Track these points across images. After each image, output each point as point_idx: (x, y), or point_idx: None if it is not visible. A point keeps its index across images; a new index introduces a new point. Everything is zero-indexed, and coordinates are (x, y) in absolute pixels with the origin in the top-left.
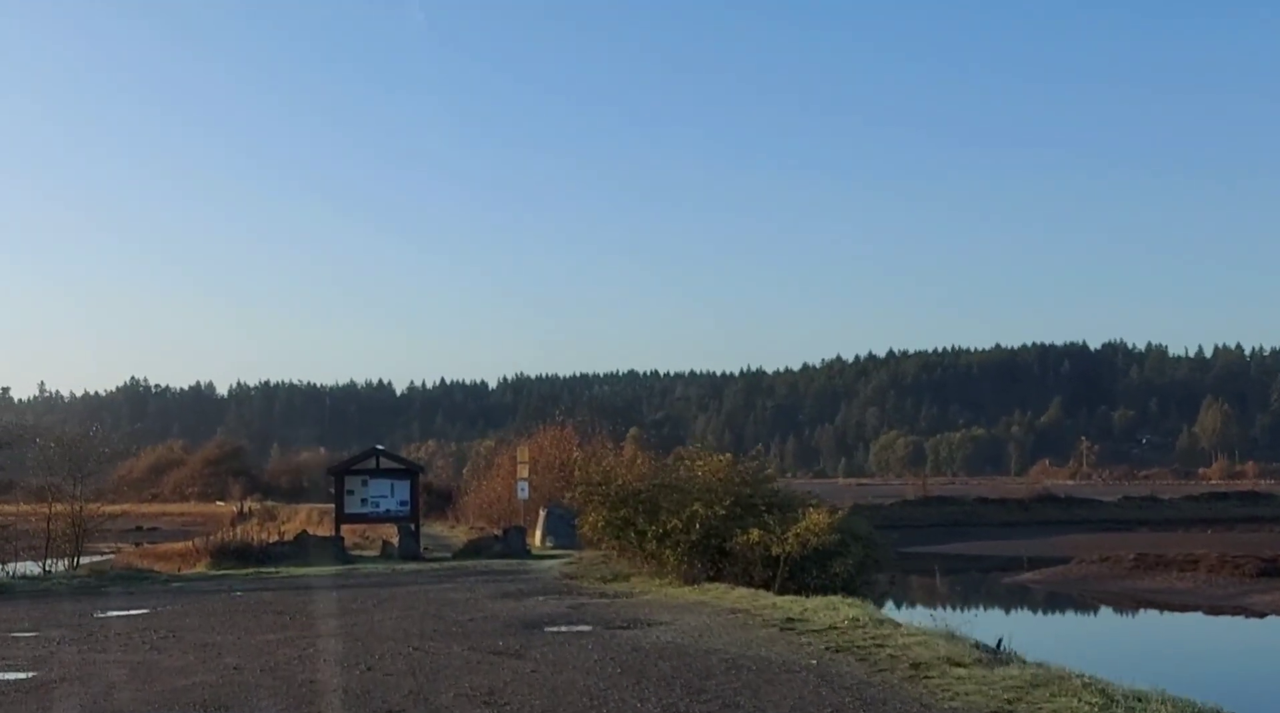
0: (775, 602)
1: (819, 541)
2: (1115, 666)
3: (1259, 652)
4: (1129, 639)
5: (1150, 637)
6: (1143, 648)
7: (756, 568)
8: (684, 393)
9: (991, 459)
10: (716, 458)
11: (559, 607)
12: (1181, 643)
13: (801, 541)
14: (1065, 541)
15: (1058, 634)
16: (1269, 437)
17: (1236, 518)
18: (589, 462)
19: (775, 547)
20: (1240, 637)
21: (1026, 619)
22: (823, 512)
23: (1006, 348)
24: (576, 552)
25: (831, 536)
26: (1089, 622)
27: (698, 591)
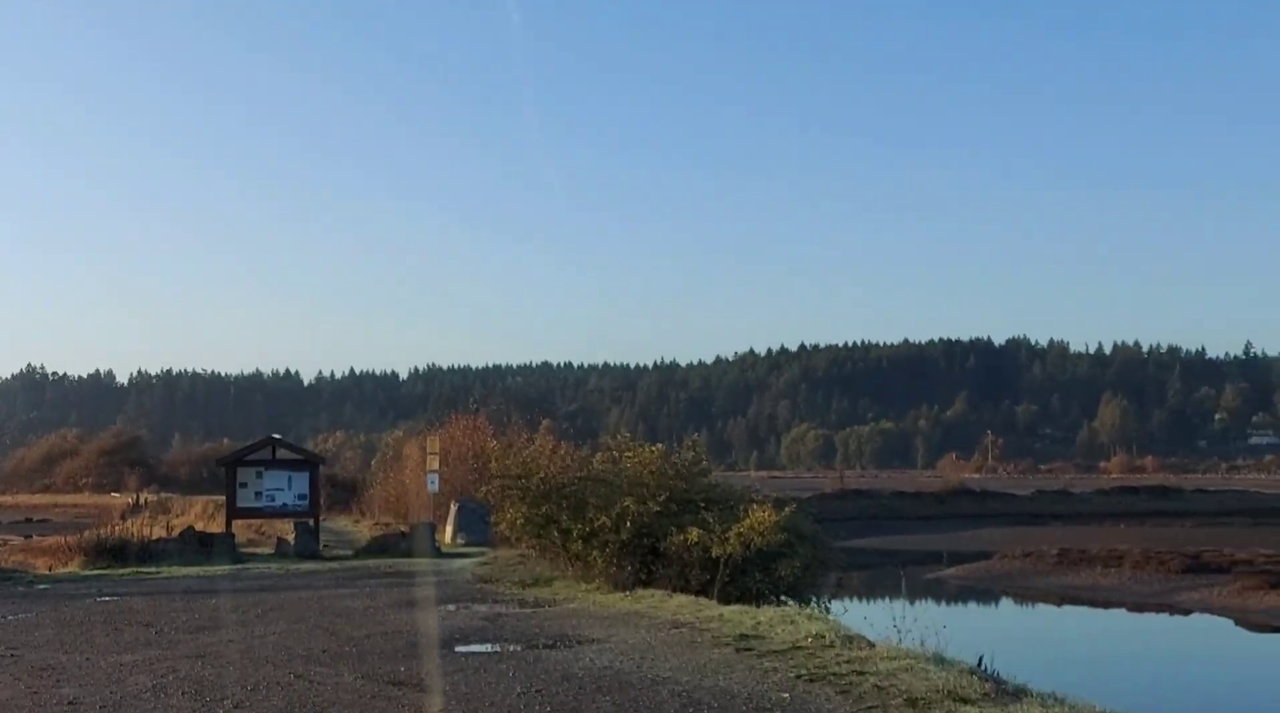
0: (723, 613)
1: (764, 541)
2: (1069, 671)
3: (1206, 655)
4: (1072, 641)
5: (1095, 638)
6: (1091, 651)
7: (694, 571)
8: (598, 385)
9: (899, 453)
10: (648, 449)
11: (472, 619)
12: (1126, 645)
13: (744, 541)
14: (982, 535)
15: (999, 637)
16: (1165, 432)
17: (1146, 512)
18: (507, 453)
19: (716, 548)
20: (1183, 637)
21: (962, 620)
22: (767, 509)
23: (915, 343)
24: (490, 550)
25: (777, 535)
26: (1024, 621)
27: (631, 598)
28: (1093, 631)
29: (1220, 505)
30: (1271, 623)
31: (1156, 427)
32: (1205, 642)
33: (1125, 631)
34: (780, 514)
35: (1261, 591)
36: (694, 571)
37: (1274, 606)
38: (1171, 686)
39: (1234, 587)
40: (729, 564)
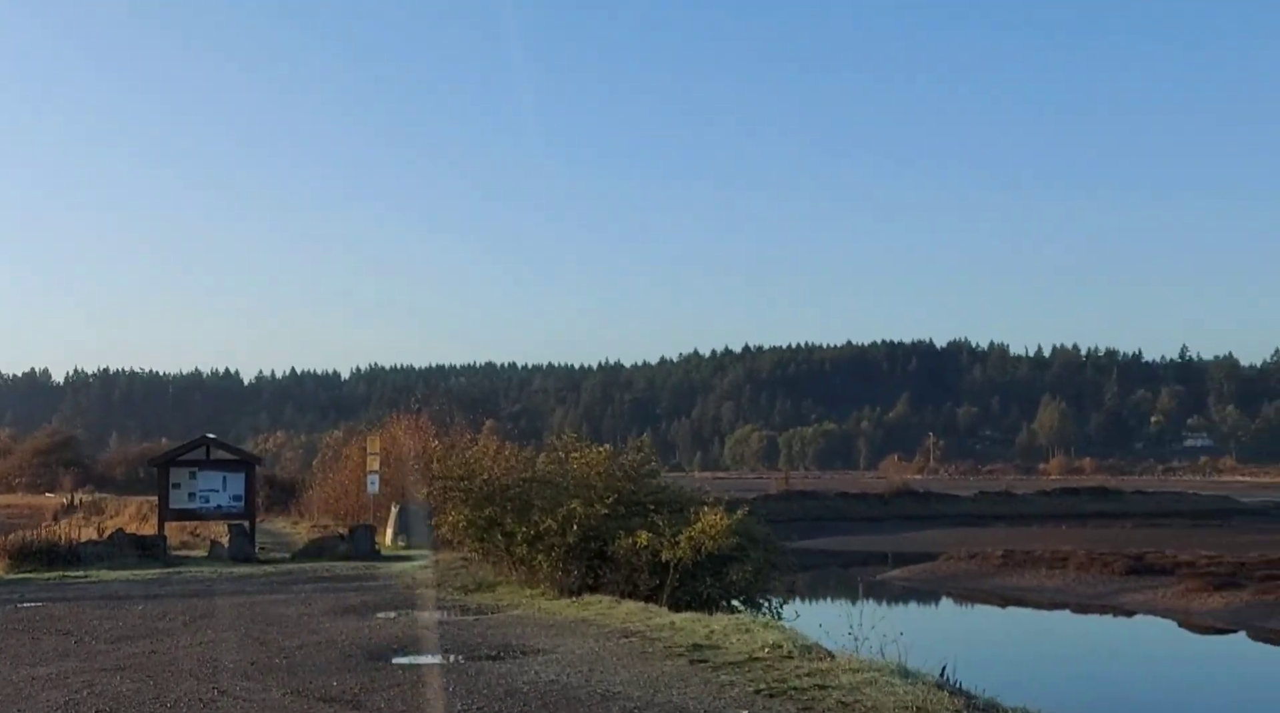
0: (674, 621)
1: (715, 545)
2: (1026, 678)
3: (1154, 658)
4: (1024, 645)
5: (1046, 642)
6: (1044, 656)
7: (643, 575)
8: (542, 385)
9: (842, 454)
10: (595, 450)
11: (411, 627)
12: (1076, 648)
13: (695, 545)
14: (926, 536)
15: (954, 642)
16: (1103, 434)
17: (1088, 513)
18: (449, 453)
19: (665, 551)
20: (1131, 640)
21: (915, 624)
22: (718, 512)
23: (857, 345)
24: (431, 553)
25: (729, 539)
26: (976, 624)
27: (578, 605)
28: (1043, 634)
29: (1158, 507)
30: (1214, 625)
31: (1094, 429)
32: (1152, 644)
33: (1074, 633)
34: (732, 517)
35: (1205, 593)
36: (643, 575)
37: (1217, 608)
38: (1123, 690)
39: (1178, 588)
40: (679, 569)
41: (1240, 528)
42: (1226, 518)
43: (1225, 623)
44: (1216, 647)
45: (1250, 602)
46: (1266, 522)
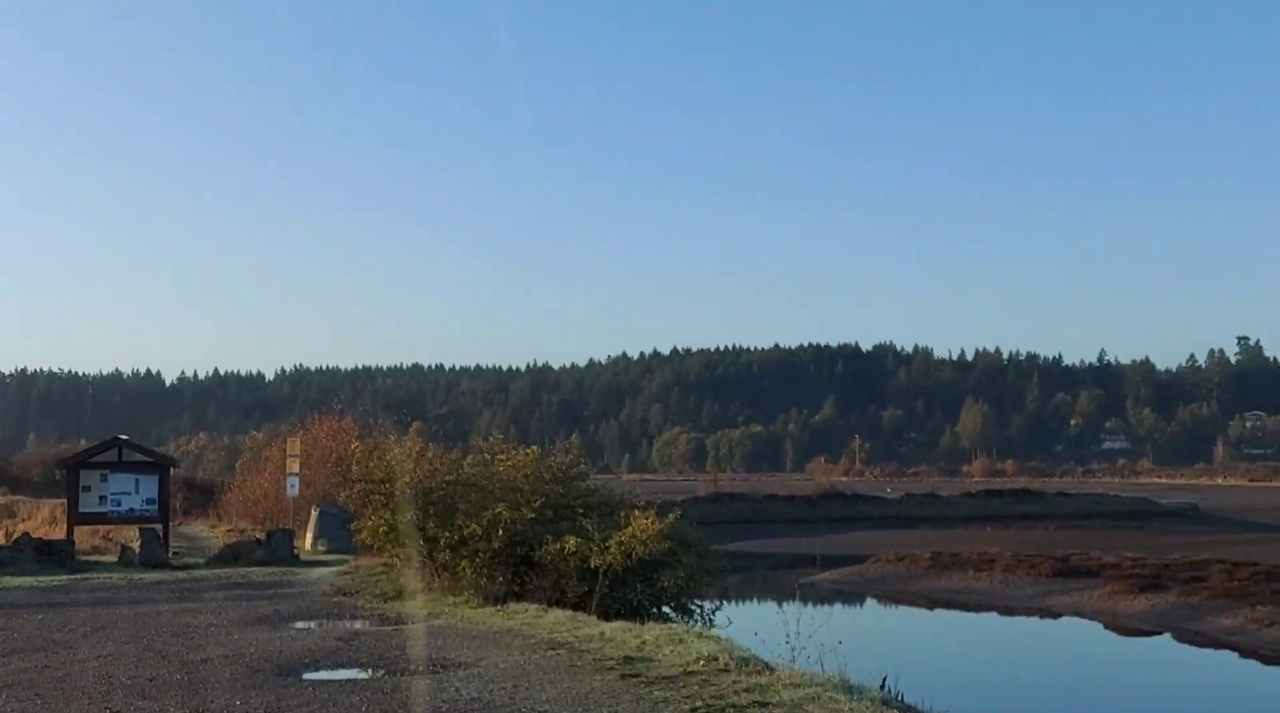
0: (604, 631)
1: (646, 550)
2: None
3: (1085, 661)
4: (959, 651)
5: (980, 647)
6: (979, 661)
7: (571, 582)
8: (469, 387)
9: (769, 456)
10: (522, 451)
11: (326, 638)
12: (1009, 652)
13: (626, 550)
14: (854, 538)
15: (890, 648)
16: (1024, 437)
17: (1011, 515)
18: (370, 455)
19: (595, 557)
20: (1061, 643)
21: (848, 629)
22: (649, 516)
23: (785, 348)
24: (352, 558)
25: (661, 544)
26: (909, 628)
27: (503, 614)
28: (977, 638)
29: (1080, 508)
30: (1140, 627)
31: (1015, 431)
32: (1082, 648)
33: (1006, 637)
34: (663, 521)
35: (1131, 595)
36: (571, 582)
37: (1142, 610)
38: (1059, 695)
39: (1104, 590)
40: (609, 575)
41: (1159, 529)
42: (1146, 519)
43: (1151, 625)
44: (1144, 650)
45: (1175, 604)
46: (1184, 523)
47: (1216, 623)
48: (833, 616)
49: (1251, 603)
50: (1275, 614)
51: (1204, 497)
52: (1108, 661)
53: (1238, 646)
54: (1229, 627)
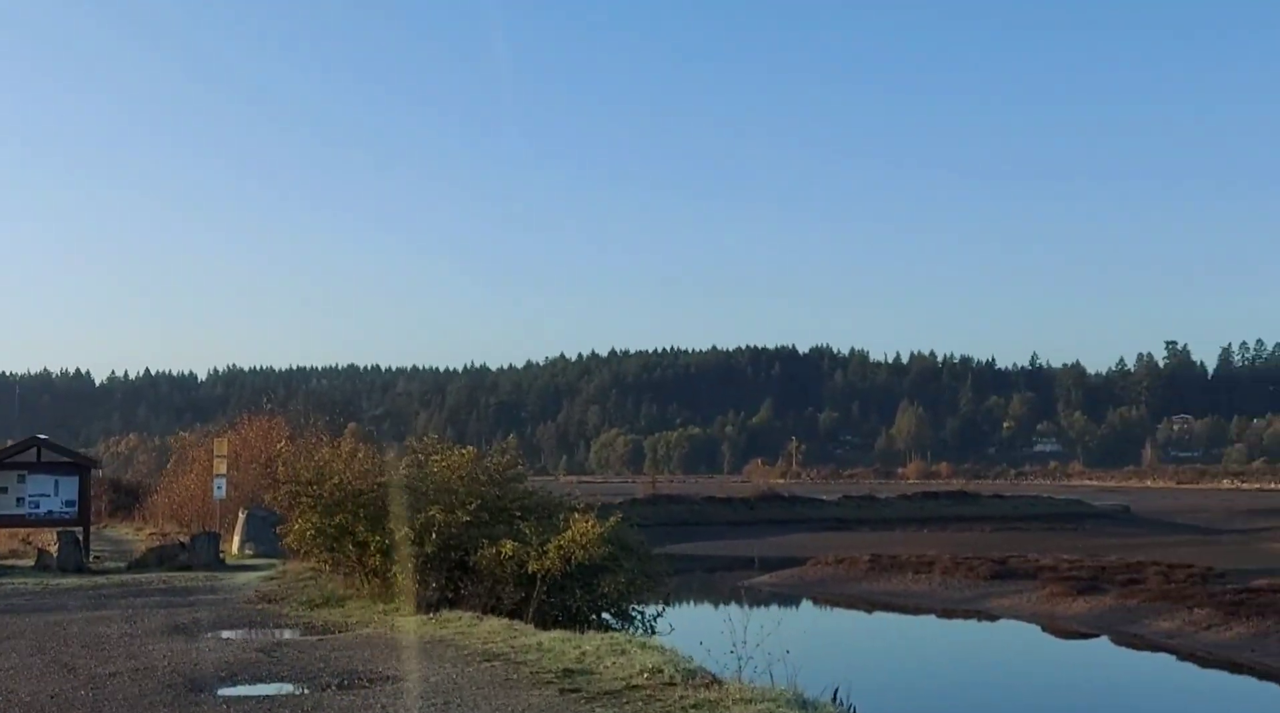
0: (541, 641)
1: (586, 554)
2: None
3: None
4: (902, 655)
5: (925, 651)
6: (925, 666)
7: (507, 588)
8: (405, 388)
9: (706, 458)
10: (457, 452)
11: (247, 649)
12: (950, 655)
13: (565, 554)
14: (793, 540)
15: (836, 654)
16: (957, 439)
17: (948, 517)
18: (298, 456)
19: (532, 562)
20: (1001, 646)
21: (792, 634)
22: (589, 519)
23: (722, 350)
24: (281, 562)
25: (601, 548)
26: (852, 632)
27: (435, 622)
28: (921, 642)
29: (1014, 510)
30: (1078, 629)
31: (949, 434)
32: (1022, 651)
33: (949, 641)
34: (604, 524)
35: (1069, 597)
36: (507, 588)
37: (1081, 612)
38: (1003, 699)
39: (1042, 593)
40: (547, 581)
41: (1092, 531)
42: (1079, 521)
43: (1089, 628)
44: (1083, 653)
45: (1113, 606)
46: (1116, 525)
47: (1154, 625)
48: (776, 621)
49: (1189, 605)
50: (1213, 617)
51: (1135, 499)
52: (1049, 664)
53: (1175, 648)
54: (1167, 629)
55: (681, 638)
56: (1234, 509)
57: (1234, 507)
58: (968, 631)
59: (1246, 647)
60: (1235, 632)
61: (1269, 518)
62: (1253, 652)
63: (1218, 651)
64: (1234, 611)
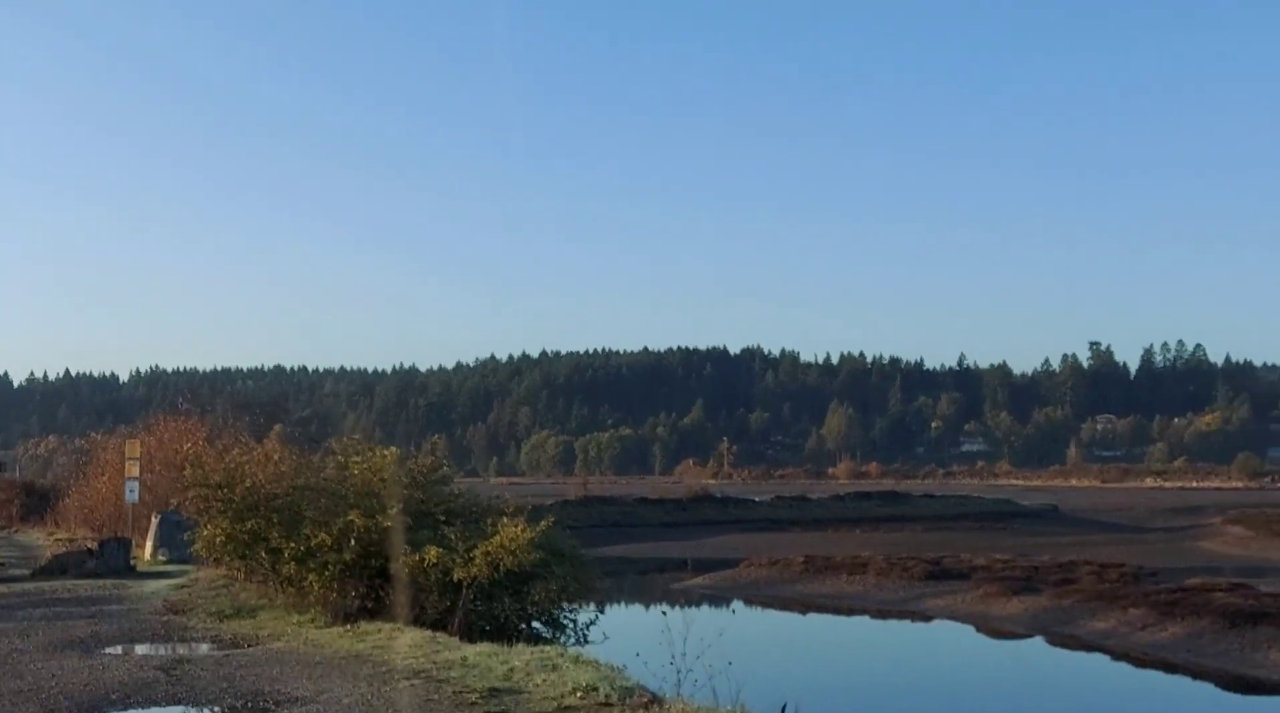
0: (466, 656)
1: (515, 561)
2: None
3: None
4: (848, 659)
5: (867, 656)
6: (868, 669)
7: (431, 597)
8: (333, 389)
9: (638, 459)
10: (379, 453)
11: (146, 668)
12: (890, 659)
13: (493, 561)
14: (726, 541)
15: (775, 661)
16: (886, 439)
17: (880, 517)
18: (207, 458)
19: (458, 570)
20: (938, 648)
21: (730, 638)
22: (519, 524)
23: (654, 351)
24: (195, 568)
25: (531, 554)
26: (789, 637)
27: (353, 634)
28: (860, 646)
29: (945, 510)
30: (1014, 630)
31: (879, 434)
32: (958, 652)
33: (888, 644)
34: (534, 529)
35: (1003, 598)
36: (432, 597)
37: (1016, 613)
38: (942, 701)
39: (976, 593)
40: (473, 589)
41: (1022, 530)
42: (1009, 520)
43: (1024, 628)
44: (1019, 653)
45: (1048, 606)
46: (1044, 524)
47: (1089, 626)
48: (717, 629)
49: (1123, 605)
50: (1148, 617)
51: (1061, 498)
52: (987, 666)
53: (1110, 649)
54: (1102, 630)
55: (616, 648)
56: (1157, 508)
57: (1157, 505)
58: (904, 632)
59: (1182, 647)
60: (1170, 632)
61: (1191, 516)
62: (1188, 652)
63: (1153, 651)
64: (1168, 611)
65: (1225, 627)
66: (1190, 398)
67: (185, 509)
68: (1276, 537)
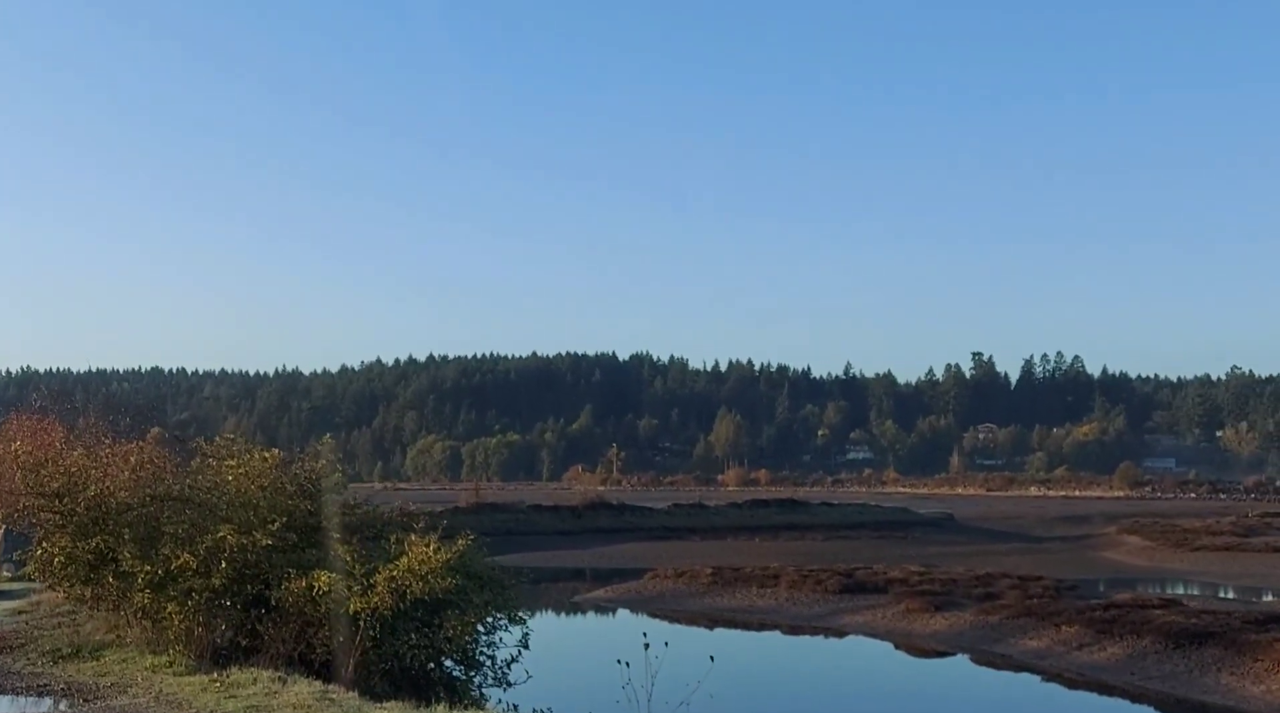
0: None
1: (426, 587)
2: None
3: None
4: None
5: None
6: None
7: (320, 632)
8: (213, 392)
9: (525, 465)
10: (258, 455)
11: None
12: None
13: (398, 588)
14: (624, 550)
15: None
16: (774, 446)
17: (778, 525)
18: (45, 462)
19: (355, 599)
20: (866, 669)
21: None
22: (431, 541)
23: (542, 356)
24: (42, 589)
25: (446, 579)
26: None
27: (221, 686)
28: (778, 667)
29: (843, 518)
30: (936, 648)
31: (766, 441)
32: (887, 673)
33: (809, 666)
34: (450, 549)
35: (926, 613)
36: (321, 632)
37: (940, 629)
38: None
39: (897, 609)
40: (375, 622)
41: (922, 540)
42: (907, 529)
43: (948, 646)
44: (950, 672)
45: (974, 623)
46: (942, 533)
47: (1021, 644)
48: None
49: (1056, 623)
50: (1083, 635)
51: (953, 506)
52: (919, 689)
53: (1045, 669)
54: (1036, 648)
55: (545, 689)
56: (1046, 516)
57: (1045, 514)
58: (826, 652)
59: (1125, 669)
60: (1110, 652)
61: (1080, 525)
62: (1131, 674)
63: (1092, 673)
64: (1106, 629)
65: (1168, 647)
66: (1068, 408)
67: (12, 523)
68: (1176, 547)
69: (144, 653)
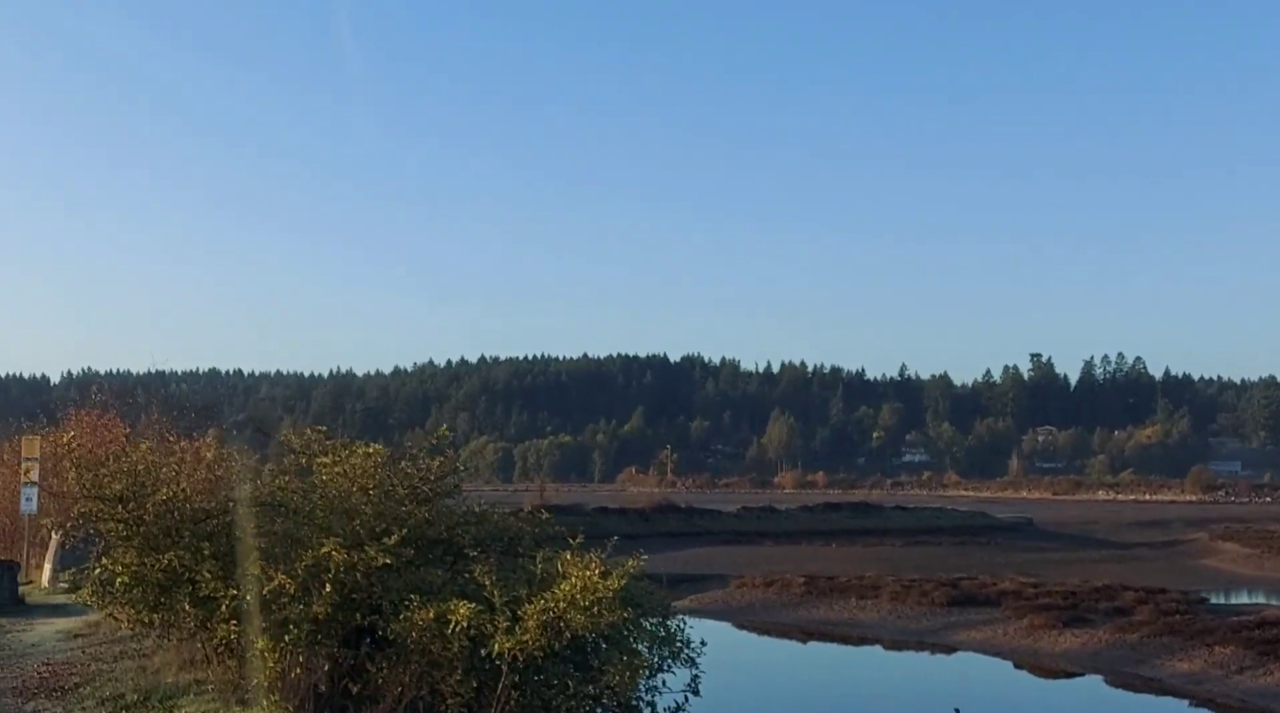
0: None
1: (592, 622)
2: None
3: None
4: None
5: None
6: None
7: (451, 677)
8: (269, 393)
9: (577, 466)
10: (361, 450)
11: None
12: None
13: (552, 624)
14: (696, 554)
15: None
16: (828, 449)
17: (853, 530)
18: (105, 459)
19: (500, 638)
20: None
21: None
22: (594, 563)
23: (594, 358)
24: None
25: (616, 612)
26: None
27: None
28: (914, 689)
29: (920, 523)
30: (1066, 668)
31: (820, 444)
32: (1017, 694)
33: (941, 688)
34: (620, 572)
35: (1053, 630)
36: (452, 677)
37: (1071, 648)
38: None
39: (1019, 624)
40: (523, 667)
41: (1004, 545)
42: (989, 534)
43: (1080, 666)
44: (1085, 694)
45: (1111, 642)
46: (1023, 538)
47: (1170, 666)
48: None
49: (1207, 643)
50: (1242, 657)
51: (1025, 510)
52: None
53: (1197, 694)
54: (1188, 672)
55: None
56: (1121, 521)
57: (1120, 519)
58: (944, 671)
59: None
60: (1278, 677)
61: (1162, 530)
62: None
63: (1259, 700)
64: (1269, 650)
65: None
66: (1130, 410)
67: (67, 534)
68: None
69: (227, 700)
